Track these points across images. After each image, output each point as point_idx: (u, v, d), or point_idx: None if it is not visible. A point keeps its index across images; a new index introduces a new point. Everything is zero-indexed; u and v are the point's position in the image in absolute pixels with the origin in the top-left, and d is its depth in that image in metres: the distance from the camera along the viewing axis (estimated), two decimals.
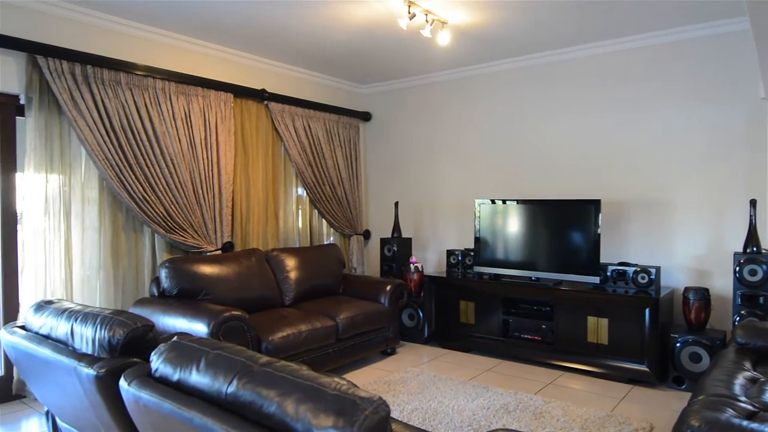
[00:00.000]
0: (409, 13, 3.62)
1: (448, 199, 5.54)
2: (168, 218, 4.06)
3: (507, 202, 4.70)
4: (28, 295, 3.45)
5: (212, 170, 4.40)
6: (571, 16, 3.89)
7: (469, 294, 4.73)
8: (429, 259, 5.68)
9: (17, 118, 3.56)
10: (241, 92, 4.69)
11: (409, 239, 5.55)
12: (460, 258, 5.07)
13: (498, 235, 4.73)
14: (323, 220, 5.63)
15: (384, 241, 5.45)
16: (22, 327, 2.21)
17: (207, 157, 4.37)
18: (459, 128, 5.44)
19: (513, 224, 4.66)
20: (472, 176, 5.35)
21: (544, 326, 4.35)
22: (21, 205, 3.50)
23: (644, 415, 3.27)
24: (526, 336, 4.45)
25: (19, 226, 3.51)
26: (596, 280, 4.17)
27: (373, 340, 4.35)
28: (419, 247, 5.73)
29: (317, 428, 1.12)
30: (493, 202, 4.77)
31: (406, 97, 5.81)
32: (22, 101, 3.50)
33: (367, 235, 6.05)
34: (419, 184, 5.75)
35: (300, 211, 5.49)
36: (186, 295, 3.73)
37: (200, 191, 4.30)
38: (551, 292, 4.29)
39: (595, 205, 4.19)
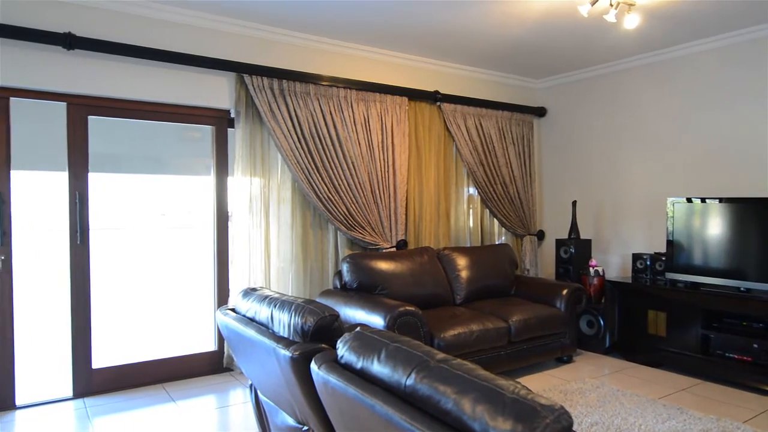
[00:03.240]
0: None
1: (634, 198, 5.05)
2: (349, 216, 4.36)
3: (707, 200, 4.13)
4: (236, 282, 3.99)
5: (388, 171, 4.61)
6: None
7: (659, 303, 4.26)
8: (611, 263, 5.24)
9: (228, 129, 4.14)
10: (414, 95, 4.84)
11: (589, 241, 5.19)
12: (648, 263, 4.59)
13: (695, 238, 4.18)
14: (494, 219, 5.55)
15: (560, 243, 5.17)
16: (233, 309, 2.53)
17: (383, 159, 4.59)
18: (648, 118, 4.92)
19: (715, 226, 4.08)
20: (663, 172, 4.81)
21: (756, 345, 3.73)
22: (231, 205, 4.07)
23: None
24: (732, 355, 3.86)
25: (230, 223, 4.09)
26: None
27: (547, 346, 4.16)
28: (599, 249, 5.32)
29: (495, 430, 1.10)
30: (689, 200, 4.23)
31: (586, 88, 5.44)
32: (232, 115, 4.05)
33: (540, 235, 5.80)
34: (600, 182, 5.34)
35: (471, 211, 5.48)
36: (364, 289, 3.97)
37: (377, 191, 4.54)
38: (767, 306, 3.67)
39: None
